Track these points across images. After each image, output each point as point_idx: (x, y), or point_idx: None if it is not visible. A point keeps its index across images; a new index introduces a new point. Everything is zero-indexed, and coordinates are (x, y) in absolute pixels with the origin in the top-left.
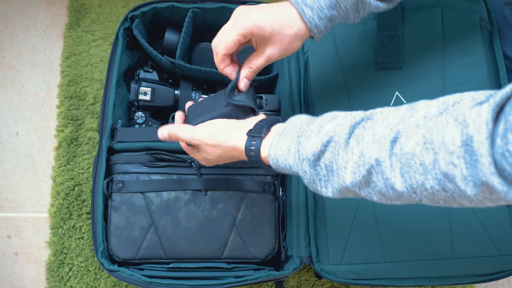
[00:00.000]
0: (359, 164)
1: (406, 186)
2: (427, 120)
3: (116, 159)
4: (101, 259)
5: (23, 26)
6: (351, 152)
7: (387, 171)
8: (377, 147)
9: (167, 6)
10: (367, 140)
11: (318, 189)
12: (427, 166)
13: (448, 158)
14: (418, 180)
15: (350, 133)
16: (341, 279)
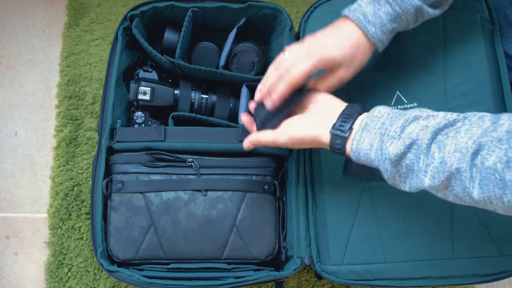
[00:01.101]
0: (439, 170)
1: (484, 196)
2: (510, 135)
3: (115, 159)
4: (101, 260)
5: (22, 26)
6: (432, 157)
7: (466, 181)
8: (459, 157)
9: (166, 5)
10: (449, 149)
11: (397, 184)
12: (507, 182)
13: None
14: (496, 193)
15: (433, 139)
16: (341, 280)
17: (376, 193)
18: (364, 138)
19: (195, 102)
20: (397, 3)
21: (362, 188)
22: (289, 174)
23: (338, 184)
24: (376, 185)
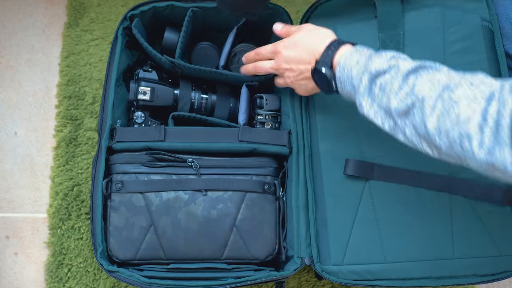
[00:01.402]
0: (408, 94)
1: (436, 128)
2: (483, 84)
3: (115, 159)
4: (100, 260)
5: (22, 26)
6: (407, 83)
7: (427, 110)
8: (429, 86)
9: (166, 5)
10: (424, 79)
11: (362, 102)
12: (461, 119)
13: (480, 121)
14: (448, 127)
15: (414, 70)
16: (342, 280)
17: (376, 193)
18: (353, 56)
19: (195, 102)
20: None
21: (362, 188)
22: (289, 174)
23: (339, 184)
24: (377, 185)
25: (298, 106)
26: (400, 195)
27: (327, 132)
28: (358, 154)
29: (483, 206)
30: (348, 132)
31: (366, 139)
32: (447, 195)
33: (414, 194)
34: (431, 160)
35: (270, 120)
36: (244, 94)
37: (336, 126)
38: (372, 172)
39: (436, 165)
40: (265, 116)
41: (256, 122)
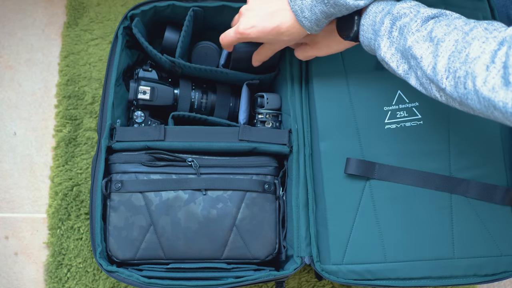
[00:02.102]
0: (425, 37)
1: (445, 68)
2: (497, 30)
3: (115, 159)
4: (100, 260)
5: (21, 25)
6: (425, 27)
7: (441, 49)
8: (445, 30)
9: (167, 4)
10: (442, 23)
11: (381, 44)
12: (469, 58)
13: (488, 62)
14: (456, 67)
15: (433, 15)
16: (342, 280)
17: (377, 193)
18: (378, 2)
19: (195, 102)
20: (331, 5)
21: (363, 187)
22: (289, 173)
23: (339, 183)
24: (377, 185)
25: (299, 104)
26: (400, 194)
27: (327, 131)
28: (359, 153)
29: (483, 206)
30: (348, 131)
31: (367, 138)
32: (447, 194)
33: (414, 194)
34: (432, 160)
35: (271, 119)
36: (245, 93)
37: (336, 125)
38: (373, 172)
39: (437, 165)
40: (266, 115)
41: (257, 121)
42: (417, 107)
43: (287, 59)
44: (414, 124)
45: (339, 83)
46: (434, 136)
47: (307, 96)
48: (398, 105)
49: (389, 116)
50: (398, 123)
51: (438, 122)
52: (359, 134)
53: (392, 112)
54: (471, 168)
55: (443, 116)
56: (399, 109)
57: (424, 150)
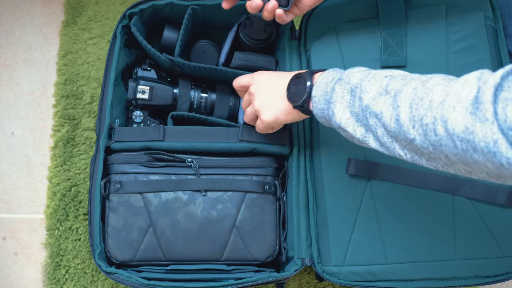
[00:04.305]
0: (382, 93)
1: (409, 117)
2: (455, 80)
3: (113, 159)
4: (98, 261)
5: (19, 24)
6: (380, 84)
7: (400, 99)
8: (402, 82)
9: (166, 3)
10: (398, 78)
11: (334, 110)
12: (433, 104)
13: (455, 103)
14: (420, 113)
15: (387, 74)
16: (342, 281)
17: (378, 194)
18: (329, 74)
19: (195, 101)
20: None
21: (364, 188)
22: (290, 174)
23: (340, 184)
24: (378, 186)
25: None
26: (402, 195)
27: (328, 131)
28: (360, 153)
29: (486, 207)
30: None
31: None
32: (449, 196)
33: (416, 195)
34: None
35: None
36: None
37: None
38: (375, 172)
39: None
40: None
41: None
42: None
43: (286, 58)
44: None
45: None
46: None
47: None
48: None
49: None
50: None
51: None
52: None
53: None
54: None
55: None
56: None
57: None
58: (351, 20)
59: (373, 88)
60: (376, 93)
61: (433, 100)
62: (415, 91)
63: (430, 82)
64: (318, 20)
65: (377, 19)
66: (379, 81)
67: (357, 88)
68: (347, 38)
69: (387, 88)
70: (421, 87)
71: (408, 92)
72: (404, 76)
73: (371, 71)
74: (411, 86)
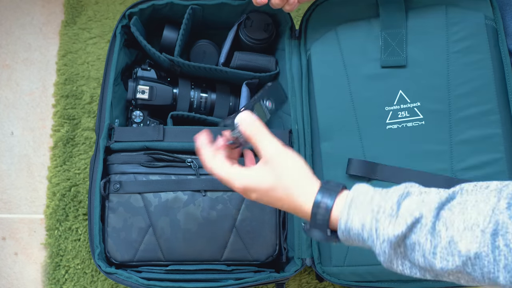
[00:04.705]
0: (449, 252)
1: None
2: None
3: (113, 159)
4: (98, 261)
5: (19, 24)
6: (439, 236)
7: (489, 266)
8: (471, 237)
9: (166, 2)
10: (457, 226)
11: (393, 267)
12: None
13: None
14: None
15: (437, 216)
16: (343, 281)
17: None
18: (353, 216)
19: (194, 101)
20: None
21: None
22: None
23: None
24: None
25: (299, 105)
26: None
27: (328, 131)
28: (361, 154)
29: None
30: (350, 132)
31: (368, 139)
32: None
33: None
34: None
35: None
36: (245, 93)
37: (337, 126)
38: (375, 172)
39: (440, 166)
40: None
41: None
42: (418, 107)
43: (286, 58)
44: (415, 124)
45: (340, 83)
46: (436, 137)
47: (308, 96)
48: (400, 105)
49: (390, 116)
50: (399, 123)
51: (440, 122)
52: (361, 134)
53: (394, 112)
54: (473, 169)
55: (444, 116)
56: (401, 109)
57: (426, 150)
58: (351, 20)
59: (438, 246)
60: (444, 252)
61: None
62: (502, 252)
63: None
64: (318, 19)
65: (378, 18)
66: (437, 235)
67: (415, 244)
68: (347, 37)
69: (456, 249)
70: (505, 247)
71: (496, 256)
72: (470, 225)
73: (418, 218)
74: (491, 251)
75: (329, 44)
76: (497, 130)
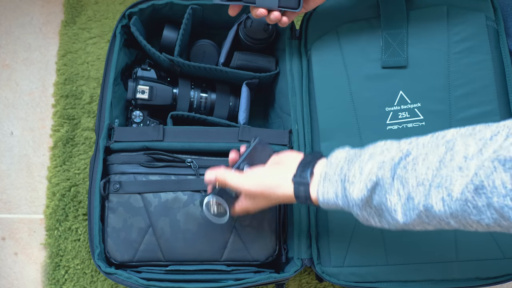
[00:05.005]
0: (409, 207)
1: (460, 225)
2: (469, 161)
3: (113, 159)
4: (98, 262)
5: (18, 24)
6: (398, 194)
7: (441, 216)
8: (423, 191)
9: (165, 2)
10: (412, 183)
11: (373, 224)
12: (481, 208)
13: (502, 201)
14: (473, 219)
15: (393, 176)
16: (342, 282)
17: None
18: (327, 188)
19: (194, 101)
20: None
21: None
22: None
23: None
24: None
25: (300, 105)
26: None
27: (328, 132)
28: None
29: None
30: (350, 132)
31: (368, 140)
32: None
33: None
34: None
35: None
36: (245, 93)
37: (338, 126)
38: None
39: None
40: None
41: None
42: (419, 108)
43: (287, 58)
44: (416, 125)
45: (340, 83)
46: None
47: (308, 96)
48: (400, 105)
49: (390, 117)
50: (400, 124)
51: (440, 123)
52: (361, 135)
53: (394, 113)
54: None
55: (445, 117)
56: (401, 110)
57: None
58: (352, 20)
59: (398, 203)
60: (405, 208)
61: (478, 205)
62: (448, 204)
63: (459, 188)
64: (319, 19)
65: (378, 19)
66: (396, 193)
67: (380, 205)
68: (348, 38)
69: (414, 204)
70: (449, 199)
71: (446, 208)
72: (421, 180)
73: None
74: (442, 204)
75: (330, 44)
76: None
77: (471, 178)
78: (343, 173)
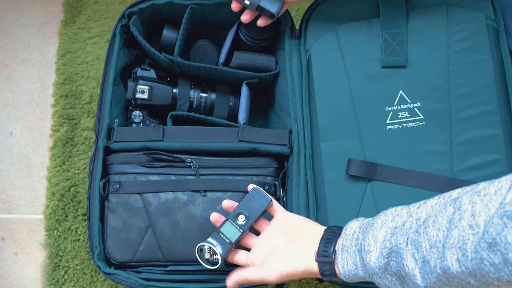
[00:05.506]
0: (427, 271)
1: (481, 283)
2: (477, 218)
3: (112, 159)
4: (98, 262)
5: (18, 23)
6: (414, 259)
7: (460, 276)
8: (437, 254)
9: (165, 2)
10: (425, 246)
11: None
12: (498, 265)
13: None
14: (492, 277)
15: (406, 241)
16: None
17: (379, 194)
18: (346, 259)
19: (194, 101)
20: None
21: (364, 188)
22: (290, 174)
23: (340, 185)
24: (379, 186)
25: (299, 105)
26: (402, 196)
27: (328, 131)
28: (361, 154)
29: None
30: (350, 132)
31: (368, 139)
32: None
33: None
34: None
35: None
36: (245, 93)
37: (337, 126)
38: (375, 173)
39: (440, 166)
40: None
41: None
42: (419, 107)
43: (286, 58)
44: (416, 125)
45: (340, 83)
46: (436, 137)
47: (308, 96)
48: (400, 105)
49: (390, 117)
50: (400, 123)
51: (440, 122)
52: (361, 134)
53: (394, 113)
54: (474, 169)
55: (445, 116)
56: (401, 110)
57: (426, 151)
58: (351, 20)
59: (415, 268)
60: (422, 272)
61: (494, 262)
62: (464, 264)
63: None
64: (318, 19)
65: (378, 18)
66: (411, 258)
67: (399, 272)
68: (347, 37)
69: (430, 268)
70: (465, 259)
71: (463, 268)
72: (433, 242)
73: (390, 248)
74: (458, 265)
75: (329, 44)
76: (497, 131)
77: (482, 235)
78: (359, 243)
